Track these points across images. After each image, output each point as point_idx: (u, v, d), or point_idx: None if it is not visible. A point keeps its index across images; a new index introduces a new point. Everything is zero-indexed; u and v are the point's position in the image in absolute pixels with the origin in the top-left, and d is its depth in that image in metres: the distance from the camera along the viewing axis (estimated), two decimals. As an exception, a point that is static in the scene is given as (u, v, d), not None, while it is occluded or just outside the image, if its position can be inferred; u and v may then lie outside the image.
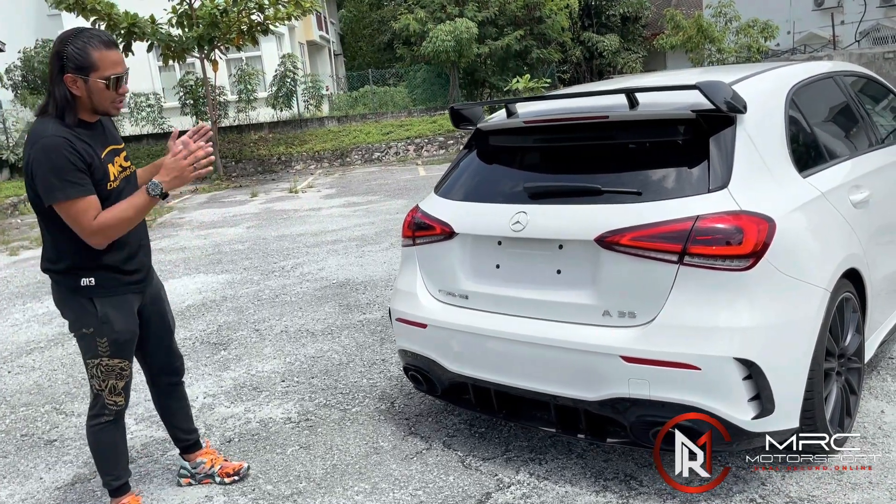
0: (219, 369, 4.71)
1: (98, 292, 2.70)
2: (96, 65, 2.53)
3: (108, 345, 2.74)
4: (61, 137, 2.50)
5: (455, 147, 20.66)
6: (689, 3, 33.09)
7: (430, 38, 21.49)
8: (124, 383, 2.84)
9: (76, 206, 2.52)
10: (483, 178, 3.36)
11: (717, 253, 2.57)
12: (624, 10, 30.41)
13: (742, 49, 23.46)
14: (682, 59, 27.87)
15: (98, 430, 2.86)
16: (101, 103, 2.60)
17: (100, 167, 2.62)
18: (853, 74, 3.98)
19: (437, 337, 3.21)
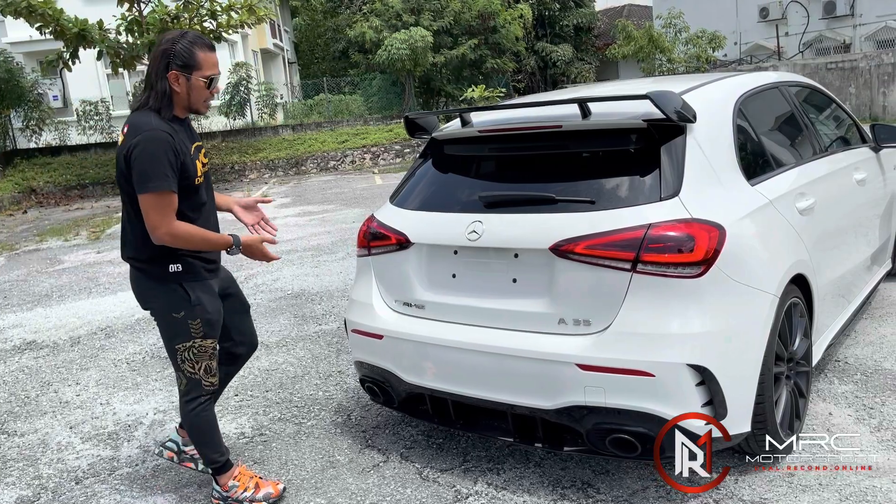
0: (170, 384, 4.59)
1: (186, 277, 2.81)
2: (200, 64, 2.72)
3: (200, 326, 2.85)
4: (164, 132, 2.65)
5: (411, 155, 20.65)
6: (639, 14, 33.76)
7: (385, 47, 21.48)
8: (216, 363, 2.97)
9: (161, 199, 2.64)
10: (439, 187, 3.35)
11: (670, 260, 2.59)
12: (577, 20, 30.85)
13: (691, 59, 24.00)
14: (633, 68, 28.38)
15: (199, 411, 2.94)
16: (196, 101, 2.78)
17: (190, 163, 2.76)
18: (797, 84, 4.08)
19: (394, 348, 3.18)
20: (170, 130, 2.67)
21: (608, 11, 36.21)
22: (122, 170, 2.71)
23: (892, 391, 3.50)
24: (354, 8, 27.28)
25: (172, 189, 2.66)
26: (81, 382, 4.79)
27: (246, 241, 2.91)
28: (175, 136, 2.68)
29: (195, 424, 2.97)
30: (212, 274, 2.95)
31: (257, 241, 2.96)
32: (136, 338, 5.66)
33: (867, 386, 3.59)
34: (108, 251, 9.98)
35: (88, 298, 7.24)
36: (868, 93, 19.64)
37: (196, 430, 2.99)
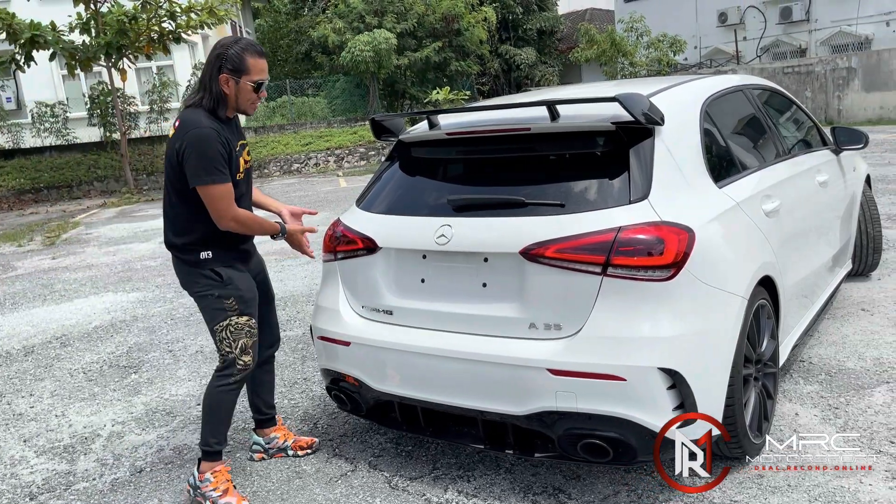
0: (129, 394, 4.46)
1: (216, 263, 3.01)
2: (249, 69, 2.90)
3: (235, 303, 3.02)
4: (213, 129, 2.86)
5: (376, 158, 20.54)
6: (601, 18, 34.09)
7: (349, 49, 21.34)
8: (253, 342, 3.08)
9: (219, 190, 2.87)
10: (406, 190, 3.30)
11: (640, 264, 2.58)
12: (540, 24, 31.01)
13: (653, 63, 24.32)
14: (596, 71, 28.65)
15: (221, 391, 3.06)
16: (243, 103, 2.96)
17: (235, 159, 2.97)
18: (761, 87, 4.12)
19: (361, 355, 3.11)
20: (217, 128, 2.87)
21: (571, 15, 36.50)
22: (172, 161, 2.92)
23: (855, 391, 3.55)
24: (317, 10, 27.06)
25: (226, 181, 2.89)
26: (35, 393, 4.63)
27: (290, 229, 3.21)
28: (221, 134, 2.88)
29: (212, 401, 3.08)
30: (243, 263, 3.14)
31: (298, 231, 3.23)
32: (94, 346, 5.50)
33: (832, 386, 3.62)
34: (63, 257, 9.72)
35: (43, 306, 7.02)
36: (823, 96, 20.10)
37: (209, 407, 3.09)
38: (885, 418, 3.25)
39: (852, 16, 22.67)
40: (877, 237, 5.08)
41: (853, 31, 22.82)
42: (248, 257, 3.20)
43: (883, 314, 4.54)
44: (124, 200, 16.46)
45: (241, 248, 3.14)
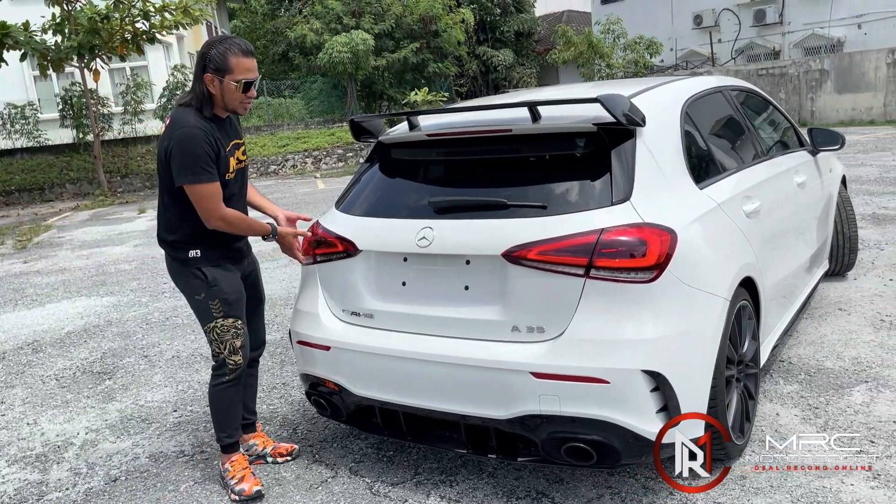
0: (103, 401, 4.37)
1: (204, 262, 3.01)
2: (232, 68, 2.87)
3: (219, 305, 3.03)
4: (199, 128, 2.85)
5: (354, 160, 20.45)
6: (578, 20, 34.27)
7: (326, 50, 21.22)
8: (241, 342, 3.09)
9: (205, 190, 2.87)
10: (386, 192, 3.26)
11: (622, 266, 2.56)
12: (518, 26, 31.10)
13: (629, 64, 24.46)
14: (573, 73, 28.79)
15: (218, 390, 3.11)
16: (230, 102, 2.94)
17: (224, 158, 2.96)
18: (738, 89, 4.13)
19: (342, 359, 3.07)
20: (205, 127, 2.87)
21: (548, 17, 36.65)
22: (162, 160, 2.94)
23: (835, 390, 3.56)
24: (294, 10, 26.88)
25: (212, 180, 2.89)
26: (7, 401, 4.52)
27: (282, 231, 3.20)
28: (210, 134, 2.88)
29: (212, 400, 3.15)
30: (233, 262, 3.14)
31: (290, 234, 3.22)
32: (66, 352, 5.39)
33: (811, 385, 3.64)
34: (35, 261, 9.54)
35: (14, 311, 6.88)
36: (797, 98, 20.35)
37: (212, 405, 3.16)
38: (865, 418, 3.27)
39: (824, 18, 22.99)
40: (853, 237, 5.12)
41: (825, 34, 23.13)
42: (239, 257, 3.19)
43: (860, 314, 4.58)
44: (98, 203, 16.23)
45: (232, 247, 3.13)
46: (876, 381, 3.60)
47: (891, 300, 4.76)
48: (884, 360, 3.85)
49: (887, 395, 3.46)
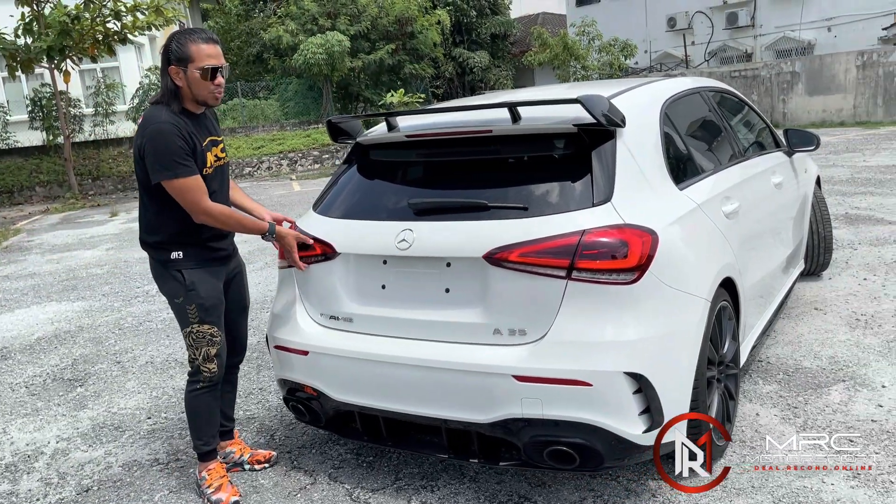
0: (74, 408, 4.27)
1: (186, 264, 2.95)
2: (192, 56, 2.80)
3: (196, 311, 2.95)
4: (171, 123, 2.79)
5: (331, 161, 20.35)
6: (553, 22, 34.45)
7: (301, 51, 21.06)
8: (216, 350, 3.02)
9: (184, 184, 2.80)
10: (365, 194, 3.21)
11: (604, 267, 2.54)
12: (493, 28, 31.16)
13: (605, 66, 24.61)
14: (549, 75, 28.92)
15: (193, 396, 3.05)
16: (199, 93, 2.86)
17: (201, 153, 2.90)
18: (716, 90, 4.15)
19: (321, 364, 3.02)
20: (177, 122, 2.81)
21: (523, 19, 36.78)
22: (138, 159, 2.88)
23: (813, 389, 3.58)
24: (269, 11, 26.66)
25: (192, 174, 2.82)
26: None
27: (281, 232, 3.07)
28: (182, 128, 2.81)
29: (187, 407, 3.09)
30: (218, 263, 3.06)
31: (291, 236, 3.07)
32: (36, 359, 5.26)
33: (790, 385, 3.66)
34: (4, 266, 9.35)
35: (-17, 317, 6.72)
36: (769, 100, 20.61)
37: (188, 411, 3.10)
38: (843, 417, 3.28)
39: (795, 21, 23.32)
40: (828, 237, 5.17)
41: (796, 37, 23.47)
42: (225, 258, 3.11)
43: (835, 313, 4.62)
44: (68, 206, 15.96)
45: (216, 248, 3.05)
46: (853, 381, 3.63)
47: (865, 300, 4.81)
48: (860, 359, 3.88)
49: (864, 393, 3.48)
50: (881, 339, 4.12)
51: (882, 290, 4.97)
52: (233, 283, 3.20)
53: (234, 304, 3.22)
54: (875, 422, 3.21)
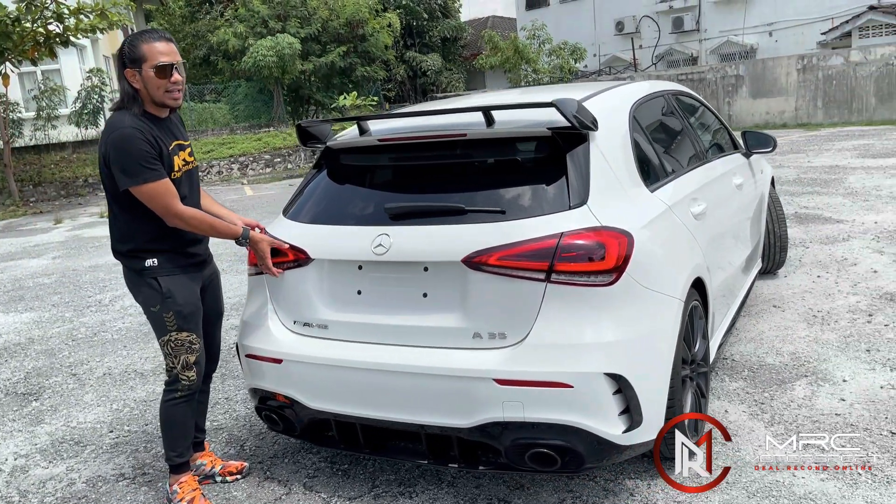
0: (31, 424, 4.11)
1: (161, 271, 2.88)
2: (145, 56, 2.74)
3: (173, 318, 2.89)
4: (134, 128, 2.73)
5: (283, 166, 20.11)
6: (503, 26, 34.73)
7: (251, 54, 20.77)
8: (195, 358, 2.97)
9: (153, 188, 2.74)
10: (338, 199, 3.17)
11: (582, 269, 2.56)
12: (445, 32, 31.27)
13: (555, 70, 24.91)
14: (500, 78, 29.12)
15: (170, 405, 2.99)
16: (156, 94, 2.79)
17: (168, 157, 2.84)
18: (679, 93, 4.22)
19: (295, 372, 2.96)
20: (140, 126, 2.75)
21: (473, 22, 37.02)
22: (103, 168, 2.82)
23: (777, 385, 3.67)
24: (215, 13, 26.23)
25: (160, 178, 2.75)
26: None
27: (255, 237, 3.00)
28: (146, 132, 2.75)
29: (164, 415, 3.02)
30: (194, 268, 3.01)
31: (265, 241, 2.99)
32: (-13, 373, 5.06)
33: (755, 382, 3.74)
34: (-55, 276, 8.95)
35: (-76, 330, 6.42)
36: (715, 102, 21.13)
37: (163, 421, 3.03)
38: (808, 411, 3.37)
39: (739, 26, 23.99)
40: (783, 236, 5.32)
41: (740, 41, 24.14)
42: (201, 264, 3.06)
43: (793, 310, 4.75)
44: (9, 214, 15.41)
45: (192, 254, 2.99)
46: (815, 376, 3.73)
47: (820, 297, 4.96)
48: (819, 354, 3.99)
49: (827, 388, 3.58)
50: (838, 334, 4.25)
51: (835, 286, 5.13)
52: (208, 290, 3.14)
53: (209, 312, 3.16)
54: (839, 415, 3.31)
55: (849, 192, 8.73)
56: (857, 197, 8.33)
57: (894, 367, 3.73)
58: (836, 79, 19.00)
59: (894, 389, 3.50)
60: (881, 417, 3.25)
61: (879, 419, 3.24)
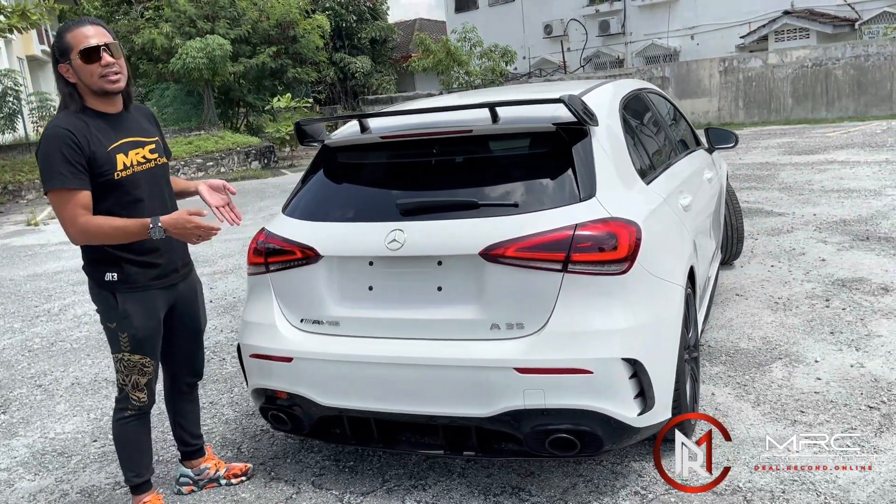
0: (4, 437, 3.93)
1: (120, 287, 2.73)
2: (70, 44, 2.59)
3: (128, 340, 2.76)
4: (61, 128, 2.57)
5: (215, 169, 19.65)
6: (430, 28, 34.89)
7: (180, 55, 20.20)
8: (147, 380, 2.85)
9: (59, 196, 2.56)
10: (342, 196, 3.17)
11: (598, 259, 2.65)
12: (375, 34, 31.18)
13: (486, 72, 25.19)
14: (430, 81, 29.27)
15: (121, 424, 2.88)
16: (90, 81, 2.62)
17: (104, 157, 2.64)
18: (652, 91, 4.38)
19: (306, 370, 2.95)
20: (72, 125, 2.59)
21: (400, 24, 37.05)
22: None
23: (756, 368, 3.87)
24: (135, 14, 25.37)
25: (69, 186, 2.56)
26: None
27: (167, 220, 2.61)
28: (79, 131, 2.59)
29: (115, 435, 2.92)
30: (158, 282, 2.82)
31: (183, 216, 2.61)
32: (-59, 388, 4.79)
33: (734, 365, 3.93)
34: None
35: None
36: (643, 104, 21.79)
37: (116, 440, 2.93)
38: (789, 391, 3.57)
39: (662, 30, 24.84)
40: (740, 228, 5.58)
41: (664, 44, 25.00)
42: (168, 275, 2.86)
43: (755, 297, 4.99)
44: (-76, 223, 14.51)
45: (155, 265, 2.79)
46: (788, 358, 3.95)
47: (777, 284, 5.23)
48: (788, 338, 4.22)
49: (802, 369, 3.80)
50: (801, 318, 4.51)
51: (790, 275, 5.43)
52: (182, 307, 2.97)
53: (188, 330, 3.02)
54: (818, 393, 3.52)
55: (783, 186, 9.20)
56: (792, 191, 8.79)
57: (859, 348, 3.99)
58: (756, 80, 19.92)
59: (864, 367, 3.74)
60: (857, 393, 3.48)
61: (856, 395, 3.46)
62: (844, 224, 6.83)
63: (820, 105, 19.02)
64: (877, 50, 18.07)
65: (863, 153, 11.38)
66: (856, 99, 18.52)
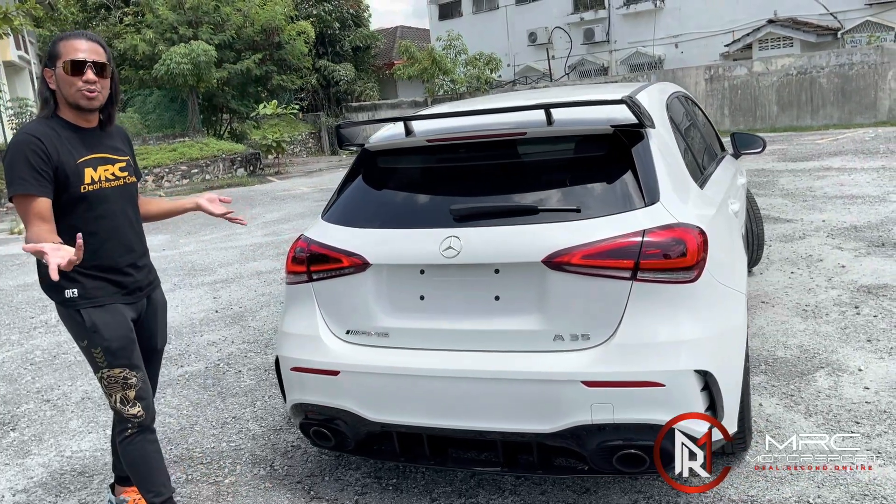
0: (17, 456, 3.73)
1: (83, 303, 2.61)
2: (60, 52, 2.55)
3: (102, 355, 2.64)
4: (30, 134, 2.51)
5: (200, 177, 19.38)
6: (412, 36, 34.84)
7: (164, 61, 19.89)
8: (135, 393, 2.70)
9: (20, 203, 2.47)
10: (387, 201, 3.04)
11: (667, 266, 2.54)
12: (358, 41, 31.03)
13: (472, 79, 25.17)
14: (414, 88, 29.18)
15: (125, 444, 2.74)
16: (68, 93, 2.55)
17: (71, 169, 2.56)
18: (685, 95, 4.29)
19: (353, 384, 2.81)
20: (41, 133, 2.52)
21: (382, 32, 36.92)
22: None
23: (799, 377, 3.78)
24: (114, 20, 24.99)
25: (31, 192, 2.46)
26: None
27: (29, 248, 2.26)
28: (48, 140, 2.51)
29: (125, 458, 2.76)
30: (126, 297, 2.70)
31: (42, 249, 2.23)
32: (-59, 404, 4.56)
33: (776, 375, 3.84)
34: None
35: None
36: (629, 111, 21.87)
37: (127, 465, 2.78)
38: (839, 401, 3.49)
39: (647, 38, 24.98)
40: (760, 234, 5.52)
41: (648, 52, 25.13)
42: (132, 288, 2.72)
43: (782, 305, 4.92)
44: None
45: (117, 281, 2.66)
46: (830, 367, 3.87)
47: (802, 291, 5.17)
48: (825, 346, 4.15)
49: (847, 378, 3.72)
50: (834, 326, 4.44)
51: (812, 282, 5.37)
52: (144, 322, 2.83)
53: (143, 347, 2.83)
54: (869, 403, 3.44)
55: (785, 193, 9.20)
56: (795, 198, 8.79)
57: (900, 355, 3.93)
58: (741, 88, 20.07)
59: (910, 375, 3.67)
60: (909, 402, 3.40)
61: (908, 404, 3.39)
62: (856, 230, 6.81)
63: (805, 113, 19.20)
64: (861, 58, 18.28)
65: (857, 160, 11.45)
66: (840, 107, 18.72)
